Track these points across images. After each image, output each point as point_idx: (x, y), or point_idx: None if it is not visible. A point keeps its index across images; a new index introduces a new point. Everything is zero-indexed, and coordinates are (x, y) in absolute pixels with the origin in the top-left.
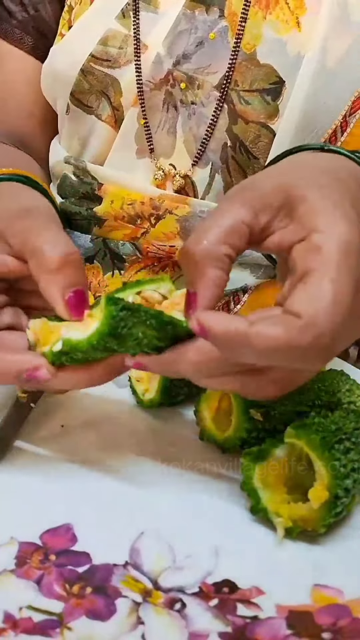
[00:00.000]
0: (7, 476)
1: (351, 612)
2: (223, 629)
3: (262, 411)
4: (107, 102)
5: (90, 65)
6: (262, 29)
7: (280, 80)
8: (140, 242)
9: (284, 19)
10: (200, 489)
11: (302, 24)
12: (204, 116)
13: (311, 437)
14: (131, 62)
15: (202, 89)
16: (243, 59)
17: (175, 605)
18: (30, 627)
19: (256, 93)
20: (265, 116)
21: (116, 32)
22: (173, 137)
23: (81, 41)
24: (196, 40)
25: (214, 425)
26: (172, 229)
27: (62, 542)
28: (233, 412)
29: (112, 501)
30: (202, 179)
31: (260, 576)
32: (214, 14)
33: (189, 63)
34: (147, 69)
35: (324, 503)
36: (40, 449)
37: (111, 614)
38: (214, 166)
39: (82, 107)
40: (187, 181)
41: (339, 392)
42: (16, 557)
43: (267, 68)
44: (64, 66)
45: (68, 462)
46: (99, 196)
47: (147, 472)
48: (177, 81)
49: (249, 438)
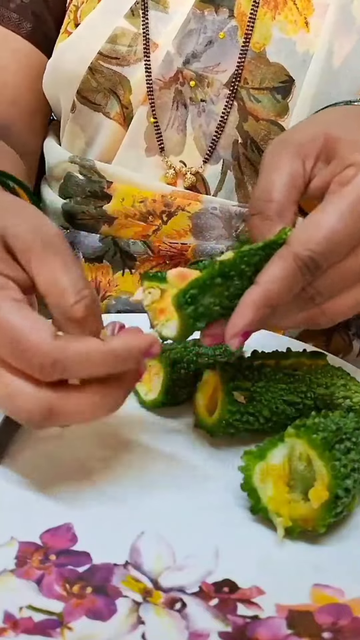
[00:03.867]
0: (7, 476)
1: (351, 611)
2: (223, 628)
3: (246, 394)
4: (115, 100)
5: (99, 63)
6: (271, 29)
7: (290, 79)
8: (151, 239)
9: (293, 20)
10: (200, 489)
11: (310, 25)
12: (214, 113)
13: (312, 437)
14: (141, 61)
15: (212, 87)
16: (252, 57)
17: (175, 605)
18: (30, 627)
19: (266, 91)
20: (275, 114)
21: (125, 31)
22: (183, 135)
23: (89, 39)
24: (206, 39)
25: (205, 412)
26: (184, 226)
27: (62, 542)
28: (218, 394)
29: (112, 501)
30: (213, 175)
31: (260, 576)
32: (223, 14)
33: (198, 62)
34: (156, 67)
35: (324, 503)
36: (40, 449)
37: (111, 613)
38: (225, 163)
39: (89, 104)
40: (198, 178)
41: (333, 385)
42: (16, 557)
43: (277, 67)
44: (71, 64)
45: (68, 462)
46: (108, 194)
47: (147, 472)
48: (187, 79)
49: (233, 420)
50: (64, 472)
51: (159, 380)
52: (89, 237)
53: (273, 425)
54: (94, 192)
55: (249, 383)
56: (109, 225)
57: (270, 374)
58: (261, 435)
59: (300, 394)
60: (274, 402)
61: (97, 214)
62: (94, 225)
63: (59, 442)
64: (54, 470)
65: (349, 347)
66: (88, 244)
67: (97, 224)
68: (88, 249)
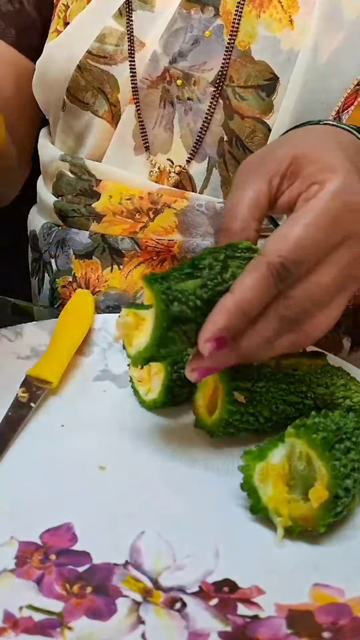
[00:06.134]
0: (8, 476)
1: (351, 611)
2: (223, 628)
3: (246, 394)
4: (103, 98)
5: (87, 62)
6: (256, 27)
7: (274, 77)
8: (139, 236)
9: (277, 18)
10: (200, 489)
11: (295, 22)
12: (201, 111)
13: (312, 437)
14: (127, 60)
15: (198, 85)
16: (237, 56)
17: (175, 605)
18: (30, 627)
19: (251, 89)
20: (260, 112)
21: (112, 30)
22: (170, 133)
23: (78, 38)
24: (192, 38)
25: (205, 412)
26: (170, 223)
27: (62, 542)
28: (218, 394)
29: (112, 501)
30: (199, 173)
31: (260, 575)
32: (209, 12)
33: (185, 61)
34: (143, 66)
35: (324, 503)
36: (40, 449)
37: (111, 613)
38: (211, 161)
39: (78, 103)
40: (183, 176)
41: (333, 385)
42: (16, 557)
43: (262, 65)
44: (60, 62)
45: (68, 462)
46: (97, 192)
47: (147, 471)
48: (174, 78)
49: (233, 420)
50: (64, 472)
51: (159, 380)
52: (80, 234)
53: (273, 425)
54: (83, 190)
55: (249, 383)
56: (98, 223)
57: (270, 374)
58: (261, 435)
59: (300, 393)
60: (274, 402)
61: (87, 212)
62: (84, 223)
63: (59, 442)
64: (54, 470)
65: (339, 346)
66: (78, 240)
67: (87, 222)
68: (78, 246)
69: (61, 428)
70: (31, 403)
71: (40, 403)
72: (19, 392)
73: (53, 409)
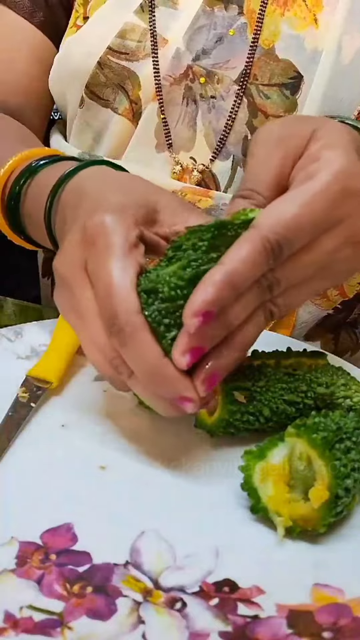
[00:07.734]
0: (8, 476)
1: (352, 611)
2: (223, 628)
3: (246, 394)
4: (124, 95)
5: (108, 58)
6: (280, 26)
7: (298, 75)
8: None
9: (302, 16)
10: (200, 489)
11: (319, 21)
12: (224, 109)
13: (312, 437)
14: (149, 56)
15: (222, 83)
16: (261, 54)
17: (175, 605)
18: (30, 627)
19: (275, 87)
20: (284, 110)
21: (135, 26)
22: (193, 131)
23: (98, 34)
24: (215, 36)
25: (205, 411)
26: None
27: (63, 542)
28: (218, 394)
29: (112, 501)
30: (223, 171)
31: (260, 575)
32: (233, 10)
33: (208, 58)
34: (166, 63)
35: (324, 503)
36: (40, 449)
37: (112, 613)
38: (235, 159)
39: (97, 100)
40: (207, 175)
41: (334, 385)
42: (16, 557)
43: (286, 63)
44: (79, 58)
45: (68, 462)
46: None
47: (147, 471)
48: (197, 76)
49: (233, 420)
50: (64, 472)
51: None
52: None
53: (273, 425)
54: None
55: (249, 383)
56: None
57: (271, 373)
58: (261, 435)
59: (300, 393)
60: (274, 402)
61: None
62: None
63: (59, 442)
64: (54, 470)
65: (357, 346)
66: None
67: None
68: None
69: (61, 428)
70: (31, 403)
71: (40, 403)
72: (19, 392)
73: (53, 409)
